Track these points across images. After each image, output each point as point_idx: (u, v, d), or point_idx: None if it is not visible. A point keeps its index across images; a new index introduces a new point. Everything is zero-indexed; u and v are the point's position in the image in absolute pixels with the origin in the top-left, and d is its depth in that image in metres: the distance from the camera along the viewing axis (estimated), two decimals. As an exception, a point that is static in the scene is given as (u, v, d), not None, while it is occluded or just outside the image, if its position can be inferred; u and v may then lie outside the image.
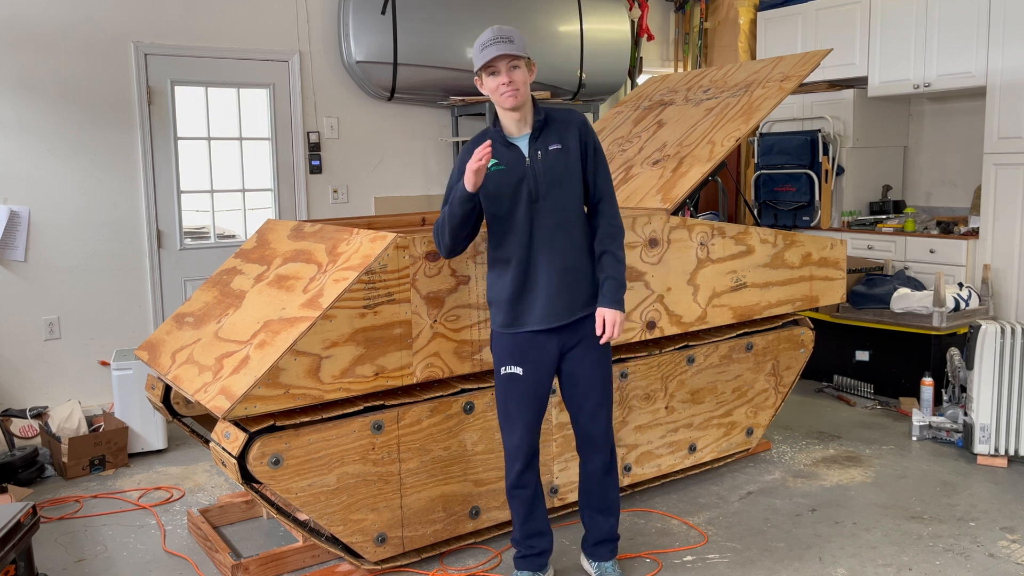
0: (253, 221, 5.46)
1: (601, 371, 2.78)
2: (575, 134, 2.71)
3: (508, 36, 2.59)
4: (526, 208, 2.67)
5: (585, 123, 2.75)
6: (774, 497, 3.68)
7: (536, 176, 2.67)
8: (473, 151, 2.66)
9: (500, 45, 2.57)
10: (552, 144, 2.69)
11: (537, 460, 2.85)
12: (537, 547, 2.89)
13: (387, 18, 5.44)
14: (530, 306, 2.71)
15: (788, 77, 3.87)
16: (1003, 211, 5.10)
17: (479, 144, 2.68)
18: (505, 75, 2.59)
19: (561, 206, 2.68)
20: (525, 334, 2.73)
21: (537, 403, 2.78)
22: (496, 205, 2.70)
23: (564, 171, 2.68)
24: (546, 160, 2.68)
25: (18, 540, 2.62)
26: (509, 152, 2.69)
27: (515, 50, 2.57)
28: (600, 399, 2.79)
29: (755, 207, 6.38)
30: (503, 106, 2.64)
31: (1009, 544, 3.20)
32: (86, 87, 4.80)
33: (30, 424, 4.36)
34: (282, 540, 3.34)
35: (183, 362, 3.00)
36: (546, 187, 2.67)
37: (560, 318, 2.70)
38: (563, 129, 2.71)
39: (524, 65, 2.62)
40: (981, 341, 3.96)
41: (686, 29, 7.25)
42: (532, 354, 2.74)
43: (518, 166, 2.68)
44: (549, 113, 2.73)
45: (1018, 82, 5.00)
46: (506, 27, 2.63)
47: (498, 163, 2.68)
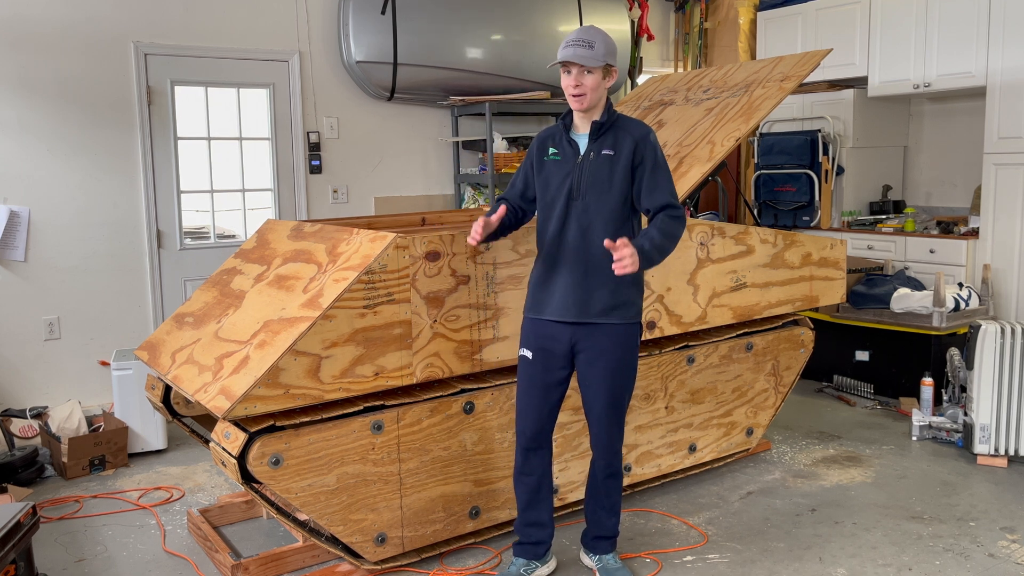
0: (253, 221, 5.46)
1: (610, 382, 2.77)
2: (630, 144, 2.70)
3: (590, 41, 2.63)
4: (565, 203, 2.74)
5: (646, 137, 2.72)
6: (774, 497, 3.68)
7: (580, 175, 2.72)
8: (540, 139, 2.84)
9: (577, 49, 2.62)
10: (606, 148, 2.72)
11: (546, 452, 2.88)
12: (534, 537, 2.93)
13: (387, 18, 5.44)
14: (550, 296, 2.78)
15: (788, 77, 3.87)
16: (1003, 211, 5.10)
17: (547, 135, 2.84)
18: (575, 77, 2.66)
19: (596, 210, 2.70)
20: (542, 321, 2.80)
21: (543, 391, 2.81)
22: (544, 192, 2.80)
23: (607, 177, 2.70)
24: (595, 162, 2.71)
25: (18, 540, 2.62)
26: (569, 147, 2.77)
27: (588, 59, 2.62)
28: (605, 408, 2.80)
29: (755, 207, 6.38)
30: (571, 105, 2.72)
31: (1009, 544, 3.20)
32: (86, 87, 4.80)
33: (30, 424, 4.36)
34: (282, 540, 3.34)
35: (183, 362, 3.00)
36: (586, 188, 2.71)
37: (571, 315, 2.74)
38: (621, 137, 2.72)
39: (599, 71, 2.66)
40: (981, 341, 3.96)
41: (686, 29, 7.25)
42: (544, 342, 2.80)
43: (570, 161, 2.75)
44: (617, 120, 2.75)
45: (1018, 82, 5.00)
46: (594, 29, 2.67)
47: (556, 153, 2.78)
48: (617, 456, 2.87)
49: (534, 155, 2.85)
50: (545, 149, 2.82)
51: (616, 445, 2.86)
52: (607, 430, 2.82)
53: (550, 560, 3.03)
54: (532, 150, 2.86)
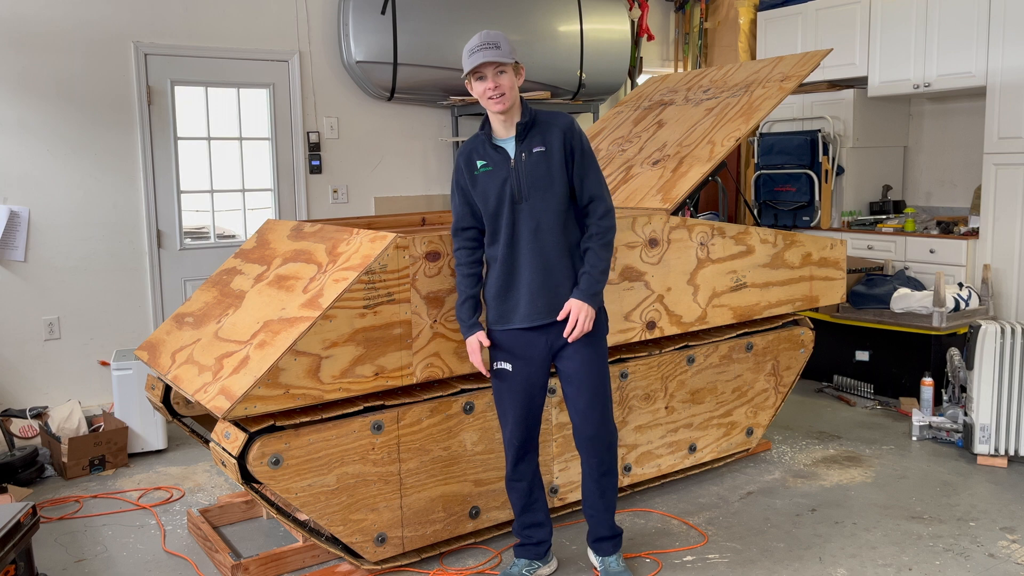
0: (253, 221, 5.46)
1: (590, 371, 2.77)
2: (559, 136, 2.71)
3: (495, 42, 2.65)
4: (509, 209, 2.72)
5: (571, 126, 2.74)
6: (774, 497, 3.68)
7: (519, 178, 2.71)
8: (465, 156, 2.79)
9: (486, 51, 2.63)
10: (536, 147, 2.71)
11: (533, 455, 2.89)
12: (535, 537, 2.94)
13: (387, 18, 5.44)
14: (514, 304, 2.76)
15: (788, 77, 3.87)
16: (1003, 211, 5.10)
17: (469, 149, 2.80)
18: (491, 80, 2.66)
19: (543, 208, 2.70)
20: (513, 331, 2.79)
21: (526, 399, 2.81)
22: (484, 205, 2.77)
23: (546, 173, 2.70)
24: (529, 162, 2.71)
25: (18, 540, 2.62)
26: (496, 154, 2.75)
27: (501, 56, 2.63)
28: (591, 399, 2.79)
29: (755, 207, 6.38)
30: (491, 110, 2.71)
31: (1009, 544, 3.20)
32: (86, 87, 4.80)
33: (30, 424, 4.36)
34: (282, 540, 3.34)
35: (183, 362, 3.00)
36: (528, 189, 2.70)
37: (542, 317, 2.74)
38: (547, 131, 2.72)
39: (511, 70, 2.68)
40: (981, 341, 3.96)
41: (686, 29, 7.25)
42: (520, 351, 2.79)
43: (503, 168, 2.73)
44: (537, 116, 2.75)
45: (1018, 82, 5.00)
46: (493, 32, 2.68)
47: (486, 164, 2.76)
48: (609, 451, 2.84)
49: (463, 174, 2.79)
50: (473, 164, 2.77)
51: (608, 439, 2.83)
52: (594, 424, 2.80)
53: (551, 560, 3.04)
54: (459, 170, 2.80)
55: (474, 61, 2.64)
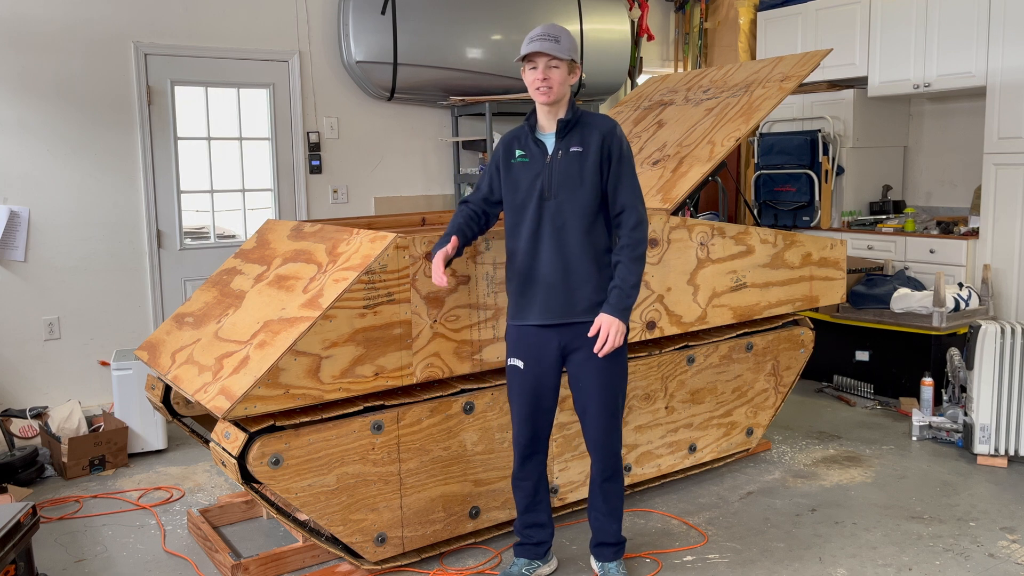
0: (253, 221, 5.46)
1: (602, 379, 2.75)
2: (598, 139, 2.70)
3: (556, 36, 2.65)
4: (537, 204, 2.71)
5: (612, 130, 2.72)
6: (774, 497, 3.68)
7: (551, 174, 2.70)
8: (506, 142, 2.81)
9: (544, 42, 2.63)
10: (574, 146, 2.71)
11: (541, 456, 2.88)
12: (535, 537, 2.94)
13: (387, 18, 5.44)
14: (532, 300, 2.75)
15: (788, 77, 3.87)
16: (1003, 211, 5.10)
17: (512, 137, 2.81)
18: (542, 71, 2.65)
19: (571, 208, 2.69)
20: (528, 327, 2.78)
21: (536, 397, 2.80)
22: (513, 195, 2.77)
23: (578, 173, 2.69)
24: (564, 160, 2.70)
25: (18, 540, 2.62)
26: (536, 147, 2.75)
27: (557, 51, 2.62)
28: (600, 408, 2.77)
29: (755, 207, 6.38)
30: (536, 100, 2.71)
31: (1009, 544, 3.20)
32: (86, 87, 4.80)
33: (30, 424, 4.36)
34: (282, 540, 3.34)
35: (183, 362, 3.00)
36: (557, 187, 2.69)
37: (556, 316, 2.72)
38: (588, 132, 2.71)
39: (564, 66, 2.67)
40: (981, 341, 3.96)
41: (686, 29, 7.25)
42: (533, 349, 2.78)
43: (539, 161, 2.73)
44: (582, 116, 2.74)
45: (1018, 82, 5.00)
46: (558, 26, 2.69)
47: (524, 155, 2.76)
48: (615, 458, 2.84)
49: (500, 158, 2.81)
50: (512, 152, 2.79)
51: (614, 447, 2.82)
52: (602, 431, 2.79)
53: (551, 560, 3.04)
54: (498, 153, 2.83)
55: (529, 49, 2.64)
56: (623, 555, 2.97)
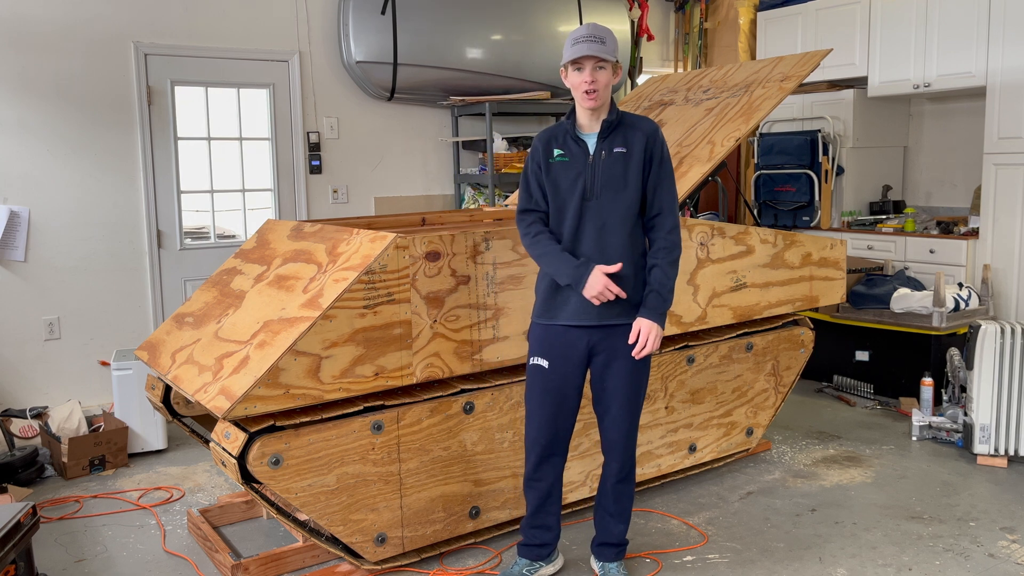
0: (253, 221, 5.46)
1: (629, 383, 2.75)
2: (642, 140, 2.69)
3: (601, 37, 2.63)
4: (578, 204, 2.70)
5: (655, 132, 2.71)
6: (774, 497, 3.68)
7: (594, 174, 2.69)
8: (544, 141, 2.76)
9: (591, 44, 2.61)
10: (617, 147, 2.69)
11: (559, 460, 2.85)
12: (539, 539, 2.93)
13: (387, 18, 5.44)
14: (565, 300, 2.73)
15: (788, 77, 3.87)
16: (1003, 211, 5.10)
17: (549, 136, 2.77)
18: (589, 74, 2.64)
19: (612, 208, 2.68)
20: (557, 327, 2.76)
21: (560, 398, 2.78)
22: (555, 194, 2.75)
23: (621, 175, 2.68)
24: (607, 161, 2.69)
25: (18, 540, 2.62)
26: (577, 147, 2.73)
27: (604, 52, 2.61)
28: (623, 410, 2.77)
29: (755, 207, 6.38)
30: (582, 104, 2.69)
31: (1009, 544, 3.20)
32: (86, 87, 4.80)
33: (30, 424, 4.36)
34: (282, 540, 3.34)
35: (183, 362, 3.00)
36: (600, 187, 2.68)
37: (591, 318, 2.71)
38: (631, 133, 2.70)
39: (611, 67, 2.66)
40: (981, 341, 3.96)
41: (686, 29, 7.25)
42: (560, 349, 2.76)
43: (580, 161, 2.71)
44: (624, 117, 2.74)
45: (1018, 82, 5.00)
46: (602, 27, 2.67)
47: (563, 154, 2.73)
48: (631, 459, 2.84)
49: (540, 157, 2.77)
50: (550, 151, 2.76)
51: (631, 448, 2.82)
52: (623, 432, 2.79)
53: (556, 560, 3.02)
54: (536, 153, 2.79)
55: (576, 52, 2.62)
56: (624, 556, 2.97)
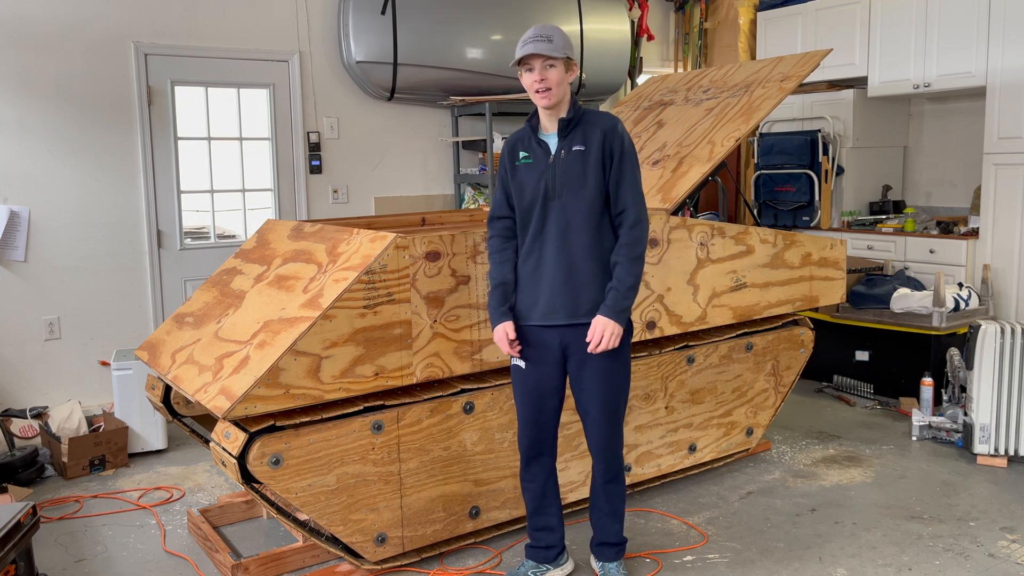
0: (253, 221, 5.46)
1: (604, 382, 2.74)
2: (599, 137, 2.67)
3: (548, 35, 2.62)
4: (541, 205, 2.70)
5: (614, 128, 2.69)
6: (774, 497, 3.68)
7: (555, 174, 2.69)
8: (510, 145, 2.80)
9: (537, 43, 2.61)
10: (576, 144, 2.69)
11: (547, 459, 2.87)
12: (543, 541, 2.92)
13: (387, 18, 5.44)
14: (535, 300, 2.74)
15: (788, 77, 3.87)
16: (1003, 211, 5.10)
17: (515, 139, 2.80)
18: (539, 73, 2.64)
19: (575, 207, 2.68)
20: (530, 327, 2.77)
21: (539, 398, 2.79)
22: (520, 197, 2.76)
23: (581, 173, 2.67)
24: (566, 160, 2.69)
25: (18, 540, 2.62)
26: (539, 148, 2.74)
27: (551, 50, 2.60)
28: (601, 410, 2.76)
29: (755, 207, 6.38)
30: (538, 103, 2.69)
31: (1009, 544, 3.20)
32: (86, 87, 4.80)
33: (30, 424, 4.36)
34: (282, 540, 3.34)
35: (183, 362, 3.00)
36: (561, 187, 2.68)
37: (559, 317, 2.71)
38: (590, 130, 2.69)
39: (561, 65, 2.64)
40: (981, 341, 3.96)
41: (686, 29, 7.25)
42: (536, 349, 2.77)
43: (542, 162, 2.72)
44: (584, 115, 2.72)
45: (1018, 82, 5.00)
46: (550, 26, 2.66)
47: (527, 156, 2.75)
48: (616, 459, 2.83)
49: (506, 162, 2.80)
50: (516, 154, 2.78)
51: (614, 448, 2.81)
52: (603, 432, 2.78)
53: (564, 563, 3.00)
54: (503, 157, 2.81)
55: (523, 52, 2.62)
56: (624, 555, 2.97)
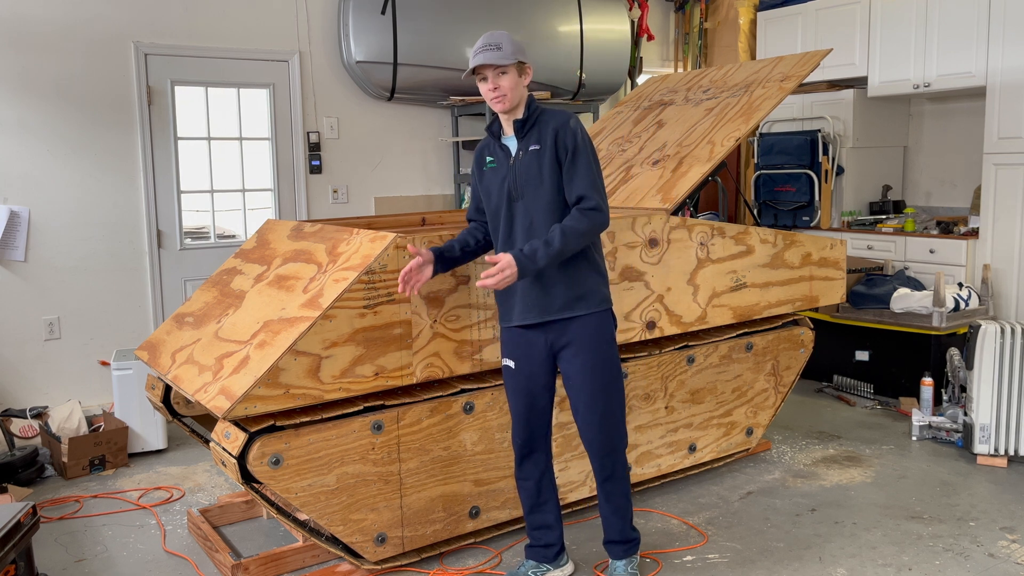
0: (253, 221, 5.46)
1: (591, 376, 2.74)
2: (551, 134, 2.69)
3: (497, 43, 2.65)
4: (507, 206, 2.74)
5: (565, 124, 2.68)
6: (774, 497, 3.68)
7: (516, 176, 2.72)
8: (479, 151, 2.87)
9: (487, 53, 2.64)
10: (532, 144, 2.72)
11: (540, 456, 2.87)
12: (543, 539, 2.93)
13: (387, 18, 5.44)
14: (512, 301, 2.78)
15: (788, 77, 3.87)
16: (1003, 211, 5.10)
17: (483, 145, 2.87)
18: (491, 82, 2.67)
19: (536, 206, 2.70)
20: (514, 328, 2.81)
21: (528, 397, 2.81)
22: (488, 200, 2.82)
23: (537, 172, 2.69)
24: (524, 160, 2.72)
25: (18, 540, 2.62)
26: (501, 152, 2.78)
27: (500, 58, 2.62)
28: (590, 404, 2.75)
29: (755, 207, 6.38)
30: (495, 110, 2.73)
31: (1009, 544, 3.20)
32: (86, 87, 4.80)
33: (30, 424, 4.36)
34: (282, 540, 3.34)
35: (183, 362, 3.00)
36: (521, 187, 2.71)
37: (535, 316, 2.73)
38: (544, 129, 2.71)
39: (513, 71, 2.66)
40: (981, 341, 3.96)
41: (686, 29, 7.25)
42: (522, 348, 2.80)
43: (504, 165, 2.76)
44: (539, 115, 2.74)
45: (1018, 82, 5.00)
46: (497, 33, 2.68)
47: (493, 160, 2.80)
48: (610, 456, 2.80)
49: (475, 168, 2.87)
50: (483, 160, 2.83)
51: (608, 445, 2.79)
52: (594, 429, 2.77)
53: (564, 564, 3.00)
54: (473, 164, 2.89)
55: (474, 63, 2.66)
56: (636, 553, 2.93)
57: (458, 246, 2.85)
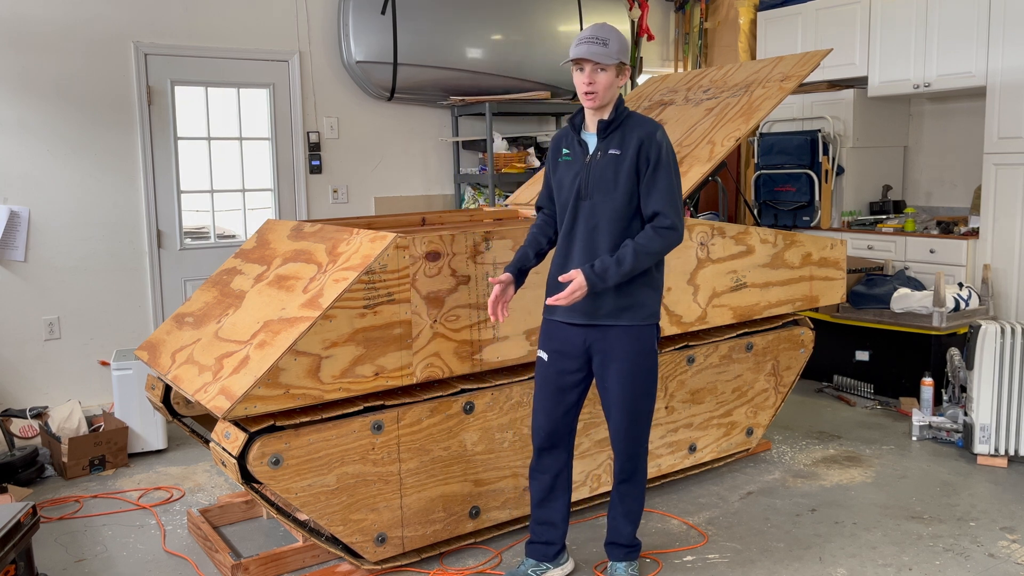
0: (253, 221, 5.46)
1: (626, 386, 2.74)
2: (636, 143, 2.66)
3: (605, 38, 2.63)
4: (574, 203, 2.74)
5: (651, 136, 2.66)
6: (774, 497, 3.68)
7: (588, 175, 2.71)
8: (556, 141, 2.85)
9: (591, 46, 2.61)
10: (612, 148, 2.69)
11: (562, 453, 2.87)
12: (544, 536, 2.93)
13: (387, 18, 5.44)
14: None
15: (788, 77, 3.87)
16: (1003, 211, 5.10)
17: (561, 136, 2.85)
18: (588, 75, 2.65)
19: (603, 209, 2.68)
20: (555, 322, 2.81)
21: (557, 392, 2.81)
22: (558, 193, 2.82)
23: (612, 177, 2.68)
24: (601, 162, 2.70)
25: (18, 540, 2.62)
26: (579, 147, 2.77)
27: (603, 56, 2.60)
28: (620, 413, 2.76)
29: (755, 207, 6.38)
30: (583, 103, 2.71)
31: (1009, 544, 3.20)
32: (86, 87, 4.80)
33: (30, 424, 4.36)
34: (282, 540, 3.34)
35: (183, 362, 3.00)
36: (591, 188, 2.70)
37: (580, 317, 2.73)
38: (628, 135, 2.69)
39: (612, 69, 2.64)
40: (981, 341, 3.96)
41: (686, 29, 7.25)
42: (558, 344, 2.80)
43: (579, 161, 2.75)
44: (626, 119, 2.71)
45: (1018, 82, 5.00)
46: (607, 27, 2.66)
47: (568, 154, 2.78)
48: (632, 461, 2.82)
49: (550, 157, 2.87)
50: (559, 150, 2.83)
51: (632, 450, 2.80)
52: (622, 433, 2.79)
53: (564, 563, 3.00)
54: (550, 152, 2.88)
55: (576, 53, 2.63)
56: (636, 558, 2.94)
57: (532, 252, 2.85)
